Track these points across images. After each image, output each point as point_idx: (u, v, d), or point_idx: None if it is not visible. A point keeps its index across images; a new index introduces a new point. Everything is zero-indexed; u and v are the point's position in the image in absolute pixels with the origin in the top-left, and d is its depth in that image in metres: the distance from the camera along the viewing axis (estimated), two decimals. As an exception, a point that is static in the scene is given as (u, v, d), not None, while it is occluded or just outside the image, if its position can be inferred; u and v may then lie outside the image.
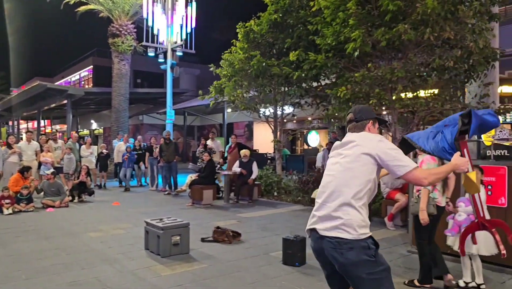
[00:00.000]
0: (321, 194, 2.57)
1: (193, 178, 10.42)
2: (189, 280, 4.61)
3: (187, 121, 27.06)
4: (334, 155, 2.66)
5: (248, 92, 11.91)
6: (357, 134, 2.64)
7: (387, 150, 2.48)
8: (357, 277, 2.37)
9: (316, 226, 2.52)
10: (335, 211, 2.44)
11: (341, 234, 2.39)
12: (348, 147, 2.58)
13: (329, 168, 2.65)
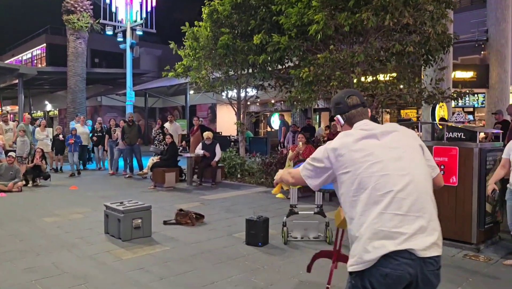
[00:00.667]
0: (400, 202, 1.84)
1: (154, 161, 10.25)
2: (151, 263, 4.57)
3: (148, 103, 26.49)
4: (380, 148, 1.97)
5: (212, 74, 11.76)
6: (390, 124, 2.19)
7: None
8: None
9: (412, 245, 1.79)
10: (431, 222, 1.86)
11: (439, 250, 1.87)
12: (399, 137, 2.03)
13: (390, 165, 1.91)
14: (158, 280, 4.09)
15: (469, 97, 15.93)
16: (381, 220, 1.82)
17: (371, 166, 1.91)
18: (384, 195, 1.86)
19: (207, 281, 4.05)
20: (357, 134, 2.04)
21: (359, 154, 1.95)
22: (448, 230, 5.06)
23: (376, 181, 1.88)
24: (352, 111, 2.17)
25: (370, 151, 1.96)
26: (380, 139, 2.02)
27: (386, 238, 1.79)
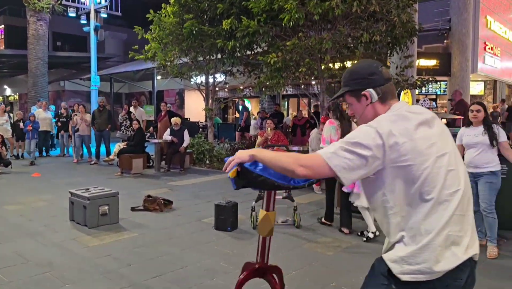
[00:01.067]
0: (463, 201, 1.61)
1: (121, 147, 10.05)
2: (119, 250, 4.52)
3: (114, 88, 25.80)
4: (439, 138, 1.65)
5: (179, 59, 11.57)
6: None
7: None
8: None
9: (474, 250, 1.62)
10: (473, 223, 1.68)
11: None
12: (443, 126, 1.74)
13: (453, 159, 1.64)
14: (126, 266, 4.05)
15: (432, 84, 16.46)
16: (450, 224, 1.56)
17: (438, 159, 1.59)
18: (453, 194, 1.58)
19: (176, 266, 4.05)
20: (413, 118, 1.65)
21: (423, 143, 1.59)
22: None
23: (444, 177, 1.58)
24: (387, 84, 1.75)
25: (432, 140, 1.62)
26: (432, 127, 1.67)
27: (454, 244, 1.56)
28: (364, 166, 1.58)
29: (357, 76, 1.77)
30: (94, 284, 3.64)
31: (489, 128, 4.40)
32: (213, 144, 11.78)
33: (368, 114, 1.76)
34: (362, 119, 1.79)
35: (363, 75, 1.75)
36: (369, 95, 1.73)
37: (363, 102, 1.76)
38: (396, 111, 1.69)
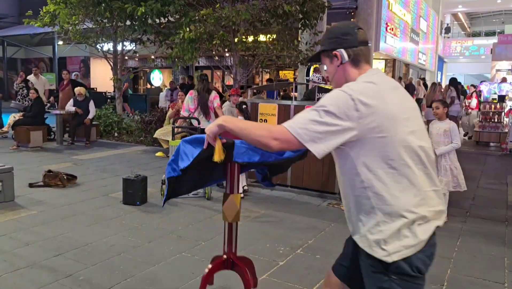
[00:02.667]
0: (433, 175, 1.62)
1: (17, 118, 9.15)
2: (15, 229, 4.18)
3: (8, 52, 23.20)
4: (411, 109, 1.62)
5: (83, 23, 10.69)
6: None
7: None
8: None
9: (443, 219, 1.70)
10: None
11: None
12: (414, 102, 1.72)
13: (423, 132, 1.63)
14: (24, 246, 3.77)
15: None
16: (426, 199, 1.55)
17: (412, 134, 1.54)
18: (426, 169, 1.57)
19: (80, 243, 3.86)
20: (385, 83, 1.59)
21: (399, 116, 1.52)
22: (317, 183, 5.60)
23: (419, 152, 1.54)
24: (361, 47, 1.66)
25: (408, 114, 1.56)
26: (406, 101, 1.62)
27: (431, 218, 1.58)
28: (336, 137, 1.48)
29: (331, 36, 1.70)
30: (-15, 267, 3.34)
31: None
32: (122, 116, 11.26)
33: (340, 76, 1.68)
34: (334, 81, 1.72)
35: (337, 35, 1.67)
36: (340, 56, 1.65)
37: (334, 63, 1.68)
38: (371, 77, 1.60)
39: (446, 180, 4.72)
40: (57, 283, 3.12)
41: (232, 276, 2.65)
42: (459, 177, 4.74)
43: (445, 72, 32.13)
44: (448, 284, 3.29)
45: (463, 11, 32.45)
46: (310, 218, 4.79)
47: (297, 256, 3.75)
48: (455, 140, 4.67)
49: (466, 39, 31.89)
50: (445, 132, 4.70)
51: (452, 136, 4.67)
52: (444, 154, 4.72)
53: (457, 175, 4.75)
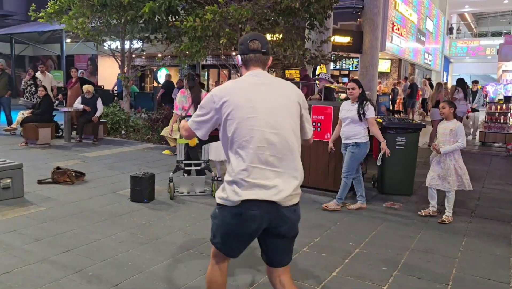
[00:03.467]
0: (264, 157, 2.11)
1: (25, 115, 9.24)
2: (25, 225, 4.24)
3: (16, 50, 23.37)
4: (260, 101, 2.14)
5: (91, 22, 10.76)
6: (278, 79, 2.31)
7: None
8: None
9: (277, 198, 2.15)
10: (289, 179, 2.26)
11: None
12: (279, 93, 2.20)
13: (263, 120, 2.15)
14: (33, 242, 3.83)
15: (345, 61, 17.31)
16: (248, 171, 2.04)
17: (249, 118, 2.06)
18: (254, 148, 2.05)
19: (89, 239, 3.92)
20: (245, 82, 2.17)
21: (242, 103, 2.08)
22: (323, 181, 5.62)
23: (249, 134, 2.05)
24: (250, 55, 2.20)
25: (252, 102, 2.09)
26: (264, 91, 2.14)
27: (251, 186, 2.04)
28: (207, 123, 2.17)
29: (239, 43, 2.29)
30: (-4, 261, 3.40)
31: (359, 104, 4.87)
32: (129, 114, 11.33)
33: (241, 74, 2.29)
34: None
35: (239, 43, 2.27)
36: (238, 60, 2.25)
37: (238, 64, 2.28)
38: (242, 77, 2.22)
39: (451, 179, 4.74)
40: (67, 278, 3.17)
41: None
42: (463, 177, 4.76)
43: (451, 72, 31.99)
44: (453, 284, 3.31)
45: (470, 11, 32.27)
46: (316, 216, 4.82)
47: (303, 254, 3.78)
48: (460, 140, 4.68)
49: (472, 40, 31.71)
50: (451, 132, 4.73)
51: (458, 136, 4.68)
52: (449, 154, 4.73)
53: (462, 175, 4.76)
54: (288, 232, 2.15)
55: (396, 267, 3.57)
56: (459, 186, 4.77)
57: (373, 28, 14.21)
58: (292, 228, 2.15)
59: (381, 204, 5.41)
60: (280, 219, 2.08)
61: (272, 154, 2.06)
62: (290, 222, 2.11)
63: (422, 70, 23.64)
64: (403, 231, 4.46)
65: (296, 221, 2.17)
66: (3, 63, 10.81)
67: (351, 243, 4.06)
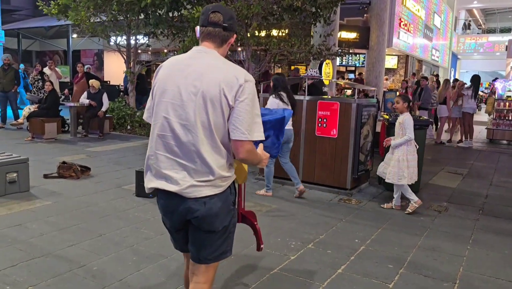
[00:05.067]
0: (168, 145, 2.00)
1: (32, 110, 9.28)
2: (30, 219, 4.25)
3: (23, 45, 23.48)
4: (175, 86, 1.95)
5: (96, 16, 10.75)
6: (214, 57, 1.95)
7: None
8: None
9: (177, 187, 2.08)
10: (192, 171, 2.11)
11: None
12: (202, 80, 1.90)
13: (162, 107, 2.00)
14: (38, 236, 3.84)
15: (352, 57, 17.20)
16: (151, 158, 1.99)
17: (160, 102, 1.93)
18: (158, 135, 1.94)
19: (93, 234, 3.92)
20: (177, 58, 2.00)
21: (160, 84, 1.95)
22: (328, 178, 5.59)
23: (157, 120, 1.94)
24: (209, 28, 1.94)
25: (166, 85, 1.93)
26: (185, 73, 1.90)
27: (153, 173, 2.00)
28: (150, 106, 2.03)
29: (200, 13, 2.03)
30: (2, 255, 3.40)
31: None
32: (135, 109, 11.34)
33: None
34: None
35: (201, 13, 2.00)
36: (196, 31, 1.98)
37: (197, 35, 2.00)
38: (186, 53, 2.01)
39: (390, 170, 4.86)
40: (71, 272, 3.18)
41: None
42: (408, 170, 4.81)
43: (458, 69, 31.71)
44: (460, 282, 3.27)
45: (478, 7, 31.92)
46: (322, 213, 4.79)
47: (308, 250, 3.76)
48: (407, 132, 4.80)
49: (480, 36, 31.40)
50: (400, 125, 4.88)
51: (406, 129, 4.81)
52: (398, 146, 4.84)
53: (405, 168, 4.82)
54: (199, 224, 1.94)
55: (402, 264, 3.54)
56: (399, 179, 4.82)
57: (380, 24, 14.10)
58: (203, 222, 1.92)
59: (388, 201, 5.36)
60: (186, 210, 1.92)
61: (176, 144, 1.89)
62: (200, 214, 1.90)
63: (429, 66, 23.45)
64: (410, 229, 4.42)
65: (208, 215, 1.91)
66: (10, 58, 10.84)
67: (357, 240, 4.03)
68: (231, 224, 2.03)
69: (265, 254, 3.59)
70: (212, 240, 1.98)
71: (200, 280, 2.03)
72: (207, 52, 1.94)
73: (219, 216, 1.94)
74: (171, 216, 2.01)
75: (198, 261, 2.02)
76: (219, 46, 1.97)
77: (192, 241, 2.02)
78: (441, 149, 10.00)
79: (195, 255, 2.03)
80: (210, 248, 1.98)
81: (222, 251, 2.02)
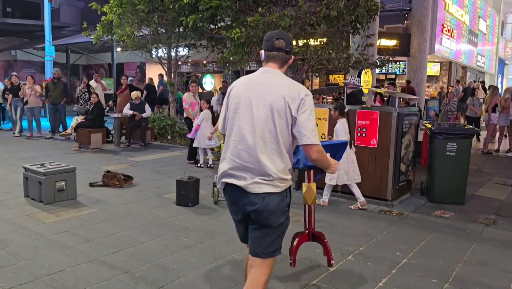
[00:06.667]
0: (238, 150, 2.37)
1: (79, 121, 9.72)
2: (77, 226, 4.44)
3: (71, 59, 24.70)
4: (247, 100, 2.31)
5: (139, 31, 11.17)
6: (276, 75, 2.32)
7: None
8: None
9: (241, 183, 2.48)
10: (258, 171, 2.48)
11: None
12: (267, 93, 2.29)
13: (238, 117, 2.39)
14: (85, 242, 4.00)
15: (392, 64, 16.84)
16: (226, 161, 2.32)
17: (235, 114, 2.28)
18: (234, 141, 2.28)
19: (136, 241, 4.04)
20: (248, 77, 2.37)
21: (235, 99, 2.31)
22: (368, 188, 5.48)
23: (232, 128, 2.29)
24: (273, 52, 2.33)
25: (240, 99, 2.29)
26: (256, 89, 2.28)
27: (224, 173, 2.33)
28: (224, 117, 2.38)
29: (264, 39, 2.39)
30: (51, 260, 3.57)
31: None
32: (175, 119, 11.62)
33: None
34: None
35: (265, 39, 2.36)
36: (261, 54, 2.36)
37: (261, 58, 2.38)
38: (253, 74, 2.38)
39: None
40: (115, 279, 3.28)
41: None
42: (338, 172, 5.07)
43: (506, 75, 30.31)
44: None
45: (528, 10, 30.46)
46: (362, 224, 4.70)
47: (348, 262, 3.69)
48: (340, 138, 5.04)
49: (531, 40, 29.93)
50: (334, 131, 5.18)
51: (338, 135, 5.08)
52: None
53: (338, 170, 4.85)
54: (257, 218, 2.25)
55: (447, 279, 3.40)
56: (330, 179, 5.24)
57: (421, 30, 13.76)
58: (261, 215, 2.23)
59: (431, 213, 5.19)
60: (248, 203, 2.24)
61: (245, 149, 2.22)
62: (258, 208, 2.21)
63: (474, 73, 22.57)
64: (455, 242, 4.25)
65: (265, 210, 2.21)
66: (59, 72, 11.42)
67: (399, 253, 3.91)
68: (285, 224, 2.32)
69: (304, 266, 3.55)
70: (266, 235, 2.27)
71: (256, 272, 2.32)
72: (272, 72, 2.32)
73: (275, 213, 2.24)
74: (236, 208, 2.33)
75: (254, 255, 2.31)
76: (281, 67, 2.36)
77: (250, 236, 2.34)
78: (488, 158, 9.57)
79: (252, 249, 2.33)
80: (265, 243, 2.28)
81: (274, 248, 2.31)
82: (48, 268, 3.42)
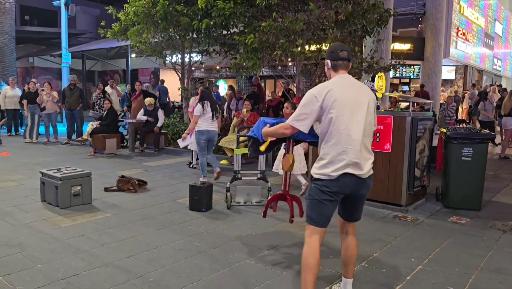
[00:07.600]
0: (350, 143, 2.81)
1: (94, 126, 9.86)
2: (92, 230, 4.50)
3: (86, 65, 25.10)
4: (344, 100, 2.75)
5: (154, 38, 11.30)
6: (356, 81, 2.92)
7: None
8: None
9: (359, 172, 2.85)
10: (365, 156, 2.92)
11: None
12: (355, 93, 2.81)
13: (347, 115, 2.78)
14: (99, 246, 4.05)
15: (405, 68, 16.72)
16: (342, 153, 2.70)
17: (342, 112, 2.68)
18: (347, 135, 2.69)
19: (150, 246, 4.07)
20: (338, 81, 2.78)
21: (335, 101, 2.68)
22: (382, 194, 5.44)
23: (340, 126, 2.68)
24: (339, 62, 2.83)
25: (342, 100, 2.69)
26: (353, 90, 2.76)
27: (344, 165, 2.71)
28: (309, 117, 2.73)
29: (327, 51, 2.91)
30: (67, 264, 3.63)
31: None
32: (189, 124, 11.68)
33: (328, 76, 2.91)
34: (327, 78, 2.92)
35: (328, 51, 2.90)
36: (326, 63, 2.87)
37: (327, 67, 2.90)
38: (333, 79, 2.82)
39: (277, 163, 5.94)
40: (129, 283, 3.31)
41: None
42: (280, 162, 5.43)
43: (524, 78, 29.73)
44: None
45: (545, 12, 29.91)
46: (375, 230, 4.66)
47: (362, 268, 3.66)
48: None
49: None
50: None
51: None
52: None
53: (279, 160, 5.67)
54: (366, 193, 2.88)
55: (464, 287, 3.35)
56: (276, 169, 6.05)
57: (435, 34, 13.64)
58: (368, 191, 2.87)
59: (446, 219, 5.12)
60: (366, 185, 2.80)
61: (357, 139, 2.70)
62: (370, 186, 2.85)
63: (490, 76, 22.26)
64: (471, 249, 4.18)
65: (371, 186, 2.87)
66: (75, 79, 11.61)
67: (413, 260, 3.87)
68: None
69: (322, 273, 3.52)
70: (363, 203, 2.97)
71: (353, 232, 3.03)
72: (349, 77, 2.85)
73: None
74: (347, 191, 2.76)
75: (353, 220, 2.99)
76: (348, 72, 2.87)
77: (351, 207, 2.93)
78: (505, 163, 9.41)
79: (350, 217, 2.98)
80: (361, 209, 2.99)
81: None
82: (64, 271, 3.47)
